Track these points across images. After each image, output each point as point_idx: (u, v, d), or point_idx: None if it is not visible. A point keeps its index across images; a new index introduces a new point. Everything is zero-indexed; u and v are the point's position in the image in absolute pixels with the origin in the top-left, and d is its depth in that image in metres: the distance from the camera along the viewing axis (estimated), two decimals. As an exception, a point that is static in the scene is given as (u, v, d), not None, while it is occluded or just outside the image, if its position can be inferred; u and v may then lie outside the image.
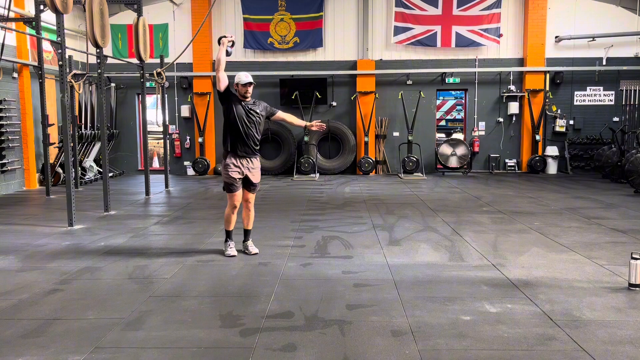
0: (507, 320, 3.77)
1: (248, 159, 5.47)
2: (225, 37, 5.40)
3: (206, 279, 4.79)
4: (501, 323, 3.71)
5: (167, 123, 12.15)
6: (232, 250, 5.60)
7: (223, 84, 5.35)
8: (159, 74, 10.72)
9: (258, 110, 5.49)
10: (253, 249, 5.68)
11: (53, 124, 11.64)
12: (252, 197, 5.63)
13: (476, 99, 14.32)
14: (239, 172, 5.41)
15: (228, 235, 5.67)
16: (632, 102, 14.06)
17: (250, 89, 5.42)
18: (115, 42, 14.19)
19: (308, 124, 5.80)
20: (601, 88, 14.15)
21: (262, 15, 14.13)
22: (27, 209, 9.09)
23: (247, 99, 5.44)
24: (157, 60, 12.47)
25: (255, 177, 5.55)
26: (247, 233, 5.74)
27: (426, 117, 14.33)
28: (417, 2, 13.94)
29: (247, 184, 5.55)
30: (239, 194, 5.47)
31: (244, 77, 5.42)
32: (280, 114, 5.73)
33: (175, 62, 11.91)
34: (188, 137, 14.60)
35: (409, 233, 6.68)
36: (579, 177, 13.05)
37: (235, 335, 3.54)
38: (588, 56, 14.01)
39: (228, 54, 5.42)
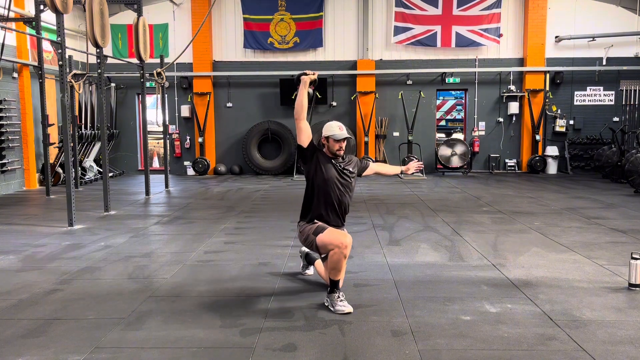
0: (507, 320, 3.77)
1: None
2: (306, 74, 4.15)
3: (206, 279, 4.79)
4: (501, 323, 3.71)
5: (167, 123, 12.15)
6: (344, 304, 3.94)
7: (307, 137, 4.10)
8: (159, 74, 10.72)
9: (351, 169, 4.27)
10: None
11: (53, 124, 11.64)
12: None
13: (476, 99, 14.31)
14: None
15: (334, 284, 4.00)
16: (632, 102, 14.05)
17: (344, 145, 4.17)
18: (115, 42, 14.19)
19: (404, 168, 4.65)
20: (601, 88, 14.15)
21: (262, 15, 14.13)
22: (27, 209, 9.09)
23: (339, 157, 4.22)
24: (157, 60, 12.47)
25: None
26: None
27: (426, 117, 14.33)
28: (417, 2, 13.93)
29: None
30: (337, 230, 4.11)
31: (338, 129, 4.12)
32: (373, 167, 4.55)
33: (175, 62, 11.92)
34: (188, 137, 14.60)
35: (409, 233, 6.68)
36: (579, 177, 13.05)
37: (235, 335, 3.54)
38: (588, 56, 14.01)
39: (310, 96, 4.18)
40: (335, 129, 4.12)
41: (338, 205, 4.18)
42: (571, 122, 14.18)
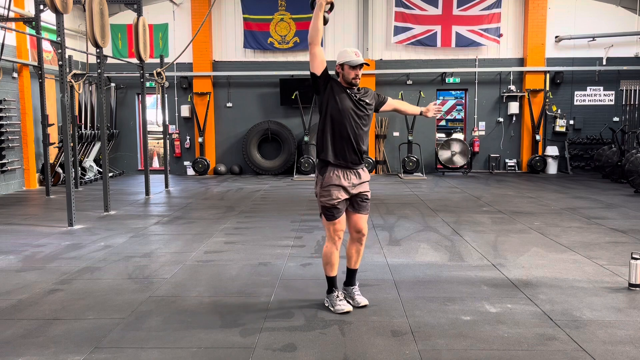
0: (507, 320, 3.77)
1: (355, 172, 3.91)
2: None
3: (206, 279, 4.79)
4: (501, 323, 3.71)
5: (167, 123, 12.15)
6: (343, 303, 3.97)
7: (320, 63, 3.80)
8: (159, 74, 10.73)
9: (368, 101, 3.96)
10: (361, 298, 4.06)
11: (53, 124, 11.64)
12: (364, 222, 3.99)
13: (476, 99, 14.31)
14: (344, 192, 3.86)
15: (331, 283, 4.02)
16: (632, 102, 14.05)
17: (361, 73, 3.89)
18: (115, 42, 14.19)
19: (424, 109, 4.42)
20: (601, 88, 14.15)
21: (262, 15, 14.13)
22: (27, 209, 9.09)
23: (355, 87, 3.93)
24: (157, 60, 12.47)
25: (366, 188, 3.99)
26: (352, 275, 4.12)
27: (426, 117, 14.29)
28: (417, 2, 13.93)
29: (356, 205, 3.95)
30: (343, 219, 3.92)
31: (354, 55, 3.82)
32: (392, 102, 4.21)
33: (175, 62, 11.92)
34: (188, 137, 14.60)
35: (409, 233, 6.68)
36: (579, 177, 13.05)
37: (235, 335, 3.54)
38: (588, 56, 14.01)
39: (325, 20, 3.83)
40: (350, 54, 3.81)
41: (354, 140, 3.86)
42: (571, 122, 14.18)
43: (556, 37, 13.98)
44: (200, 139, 14.19)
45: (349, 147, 3.86)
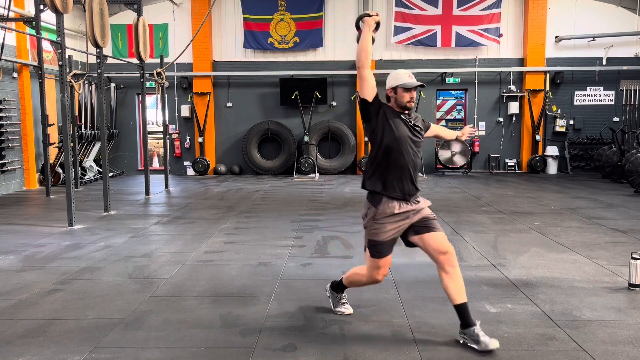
0: (507, 320, 3.77)
1: (413, 201, 3.48)
2: (368, 15, 3.65)
3: (206, 279, 4.79)
4: (501, 323, 3.71)
5: (167, 123, 12.15)
6: (345, 307, 3.92)
7: (372, 88, 3.46)
8: (159, 74, 10.74)
9: (420, 125, 3.63)
10: (488, 339, 3.26)
11: (53, 124, 11.64)
12: (443, 240, 3.44)
13: (476, 99, 14.32)
14: (401, 220, 3.46)
15: (342, 287, 3.93)
16: (632, 102, 14.05)
17: (415, 95, 3.53)
18: (115, 42, 14.19)
19: (459, 133, 4.14)
20: (601, 88, 14.15)
21: (262, 15, 14.13)
22: (27, 209, 9.09)
23: (407, 111, 3.54)
24: (157, 60, 12.47)
25: (427, 211, 3.52)
26: (464, 312, 3.38)
27: (426, 117, 14.16)
28: (417, 2, 13.93)
29: (423, 226, 3.46)
30: (388, 261, 3.58)
31: (407, 77, 3.49)
32: (434, 128, 3.87)
33: (175, 62, 11.92)
34: (188, 137, 14.60)
35: (409, 233, 6.67)
36: (579, 177, 13.05)
37: (235, 335, 3.54)
38: (588, 56, 14.01)
39: (372, 40, 3.63)
40: (404, 77, 3.47)
41: (413, 169, 3.47)
42: (571, 122, 14.18)
43: (556, 37, 13.98)
44: (200, 139, 14.19)
45: (406, 177, 3.45)
